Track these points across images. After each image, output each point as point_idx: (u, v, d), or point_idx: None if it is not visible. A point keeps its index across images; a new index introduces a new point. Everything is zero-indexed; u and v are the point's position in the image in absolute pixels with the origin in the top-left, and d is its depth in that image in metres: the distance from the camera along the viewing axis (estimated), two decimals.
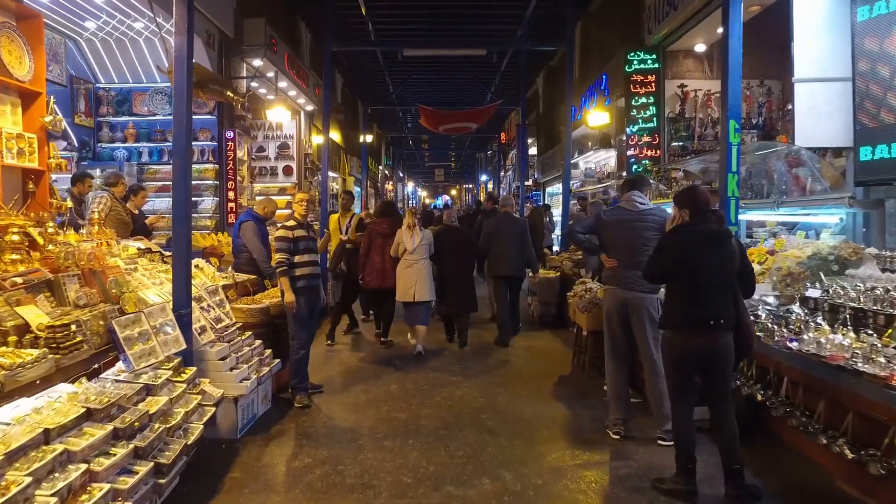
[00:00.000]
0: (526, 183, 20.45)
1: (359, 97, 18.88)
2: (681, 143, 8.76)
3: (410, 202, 40.49)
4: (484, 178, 31.73)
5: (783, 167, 5.58)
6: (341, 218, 7.77)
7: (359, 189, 19.08)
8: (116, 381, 3.31)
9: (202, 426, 3.44)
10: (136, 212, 6.33)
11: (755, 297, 4.25)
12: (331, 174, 18.76)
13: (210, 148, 8.64)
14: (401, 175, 35.83)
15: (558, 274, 8.23)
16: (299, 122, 13.95)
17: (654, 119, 9.00)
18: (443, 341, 7.28)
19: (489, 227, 7.48)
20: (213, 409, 3.65)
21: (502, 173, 24.34)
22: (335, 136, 18.09)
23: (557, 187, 18.03)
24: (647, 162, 8.98)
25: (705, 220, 3.39)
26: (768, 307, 4.13)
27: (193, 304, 4.36)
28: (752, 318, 4.04)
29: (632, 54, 9.00)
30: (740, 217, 6.11)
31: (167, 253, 7.37)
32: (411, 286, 6.50)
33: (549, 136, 18.87)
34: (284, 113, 9.19)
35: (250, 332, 4.78)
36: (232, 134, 8.62)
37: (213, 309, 4.59)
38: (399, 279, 6.61)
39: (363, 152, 16.63)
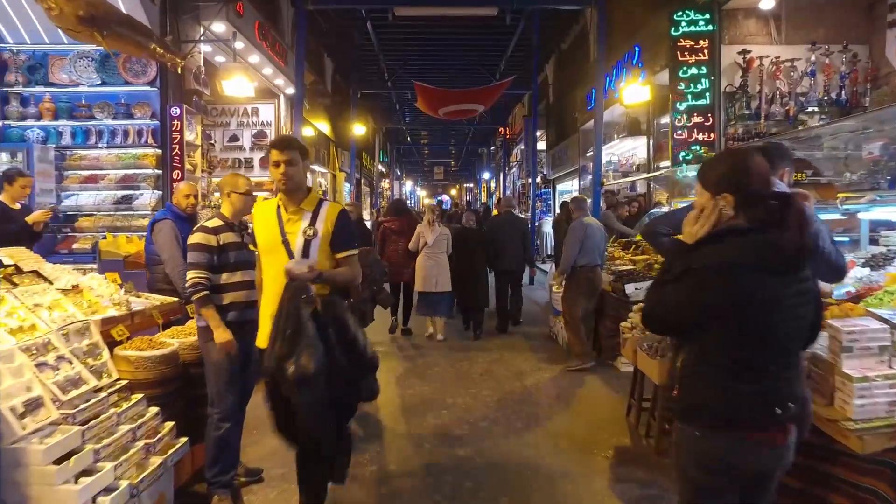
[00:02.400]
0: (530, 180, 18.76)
1: (351, 86, 17.00)
2: (742, 124, 6.99)
3: (408, 202, 38.76)
4: (486, 175, 29.96)
5: None
6: (287, 208, 2.88)
7: (348, 185, 17.26)
8: None
9: None
10: (17, 206, 4.56)
11: None
12: (319, 169, 17.01)
13: (149, 128, 6.83)
14: (398, 173, 34.03)
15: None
16: (278, 108, 12.25)
17: (707, 94, 7.22)
18: (447, 387, 5.51)
19: (492, 225, 8.07)
20: None
21: (507, 169, 22.55)
22: (324, 126, 16.31)
23: (570, 184, 16.28)
24: (699, 148, 7.20)
25: (771, 219, 1.70)
26: None
27: (26, 358, 2.58)
28: None
29: (679, 14, 7.21)
30: (863, 215, 4.37)
31: (86, 267, 5.62)
32: (433, 277, 6.85)
33: (560, 127, 17.09)
34: (246, 86, 7.37)
35: (140, 396, 3.00)
36: (178, 111, 6.83)
37: (72, 362, 2.80)
38: (419, 271, 6.93)
39: (352, 147, 14.85)
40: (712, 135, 7.22)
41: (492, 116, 23.38)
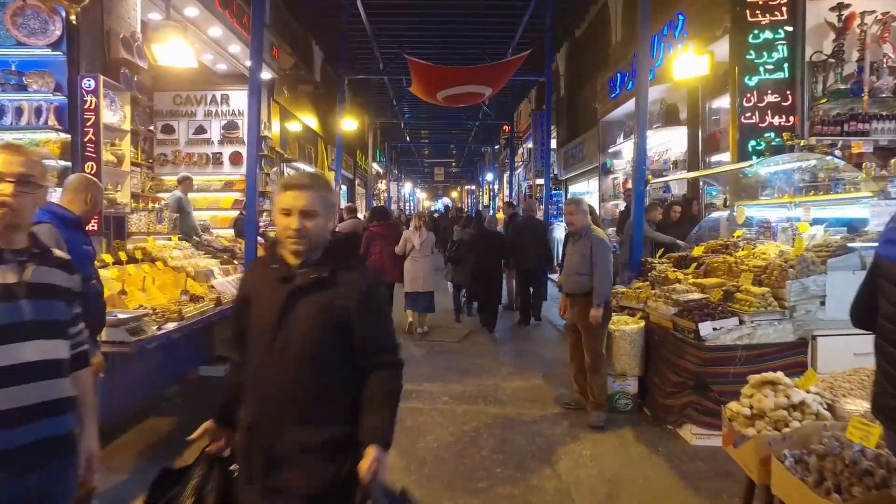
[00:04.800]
0: (540, 181, 17.05)
1: (338, 72, 15.24)
2: (836, 103, 5.32)
3: (406, 205, 37.13)
4: (490, 177, 28.27)
5: None
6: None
7: (344, 187, 15.48)
8: None
9: None
10: None
11: None
12: (306, 168, 15.31)
13: (52, 105, 5.15)
14: (395, 173, 32.28)
15: (642, 323, 4.75)
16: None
17: (786, 66, 5.56)
18: (444, 482, 3.82)
19: (515, 227, 8.56)
20: None
21: (513, 170, 20.83)
22: (311, 121, 14.65)
23: (585, 185, 14.61)
24: (775, 135, 5.53)
25: None
26: None
27: None
28: None
29: None
30: None
31: None
32: (418, 279, 7.32)
33: (573, 122, 15.44)
34: (185, 52, 5.69)
35: None
36: (93, 83, 5.17)
37: None
38: (407, 273, 7.38)
39: (338, 139, 13.18)
40: (793, 118, 5.55)
41: (496, 112, 21.71)
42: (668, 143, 9.14)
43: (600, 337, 4.50)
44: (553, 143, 16.48)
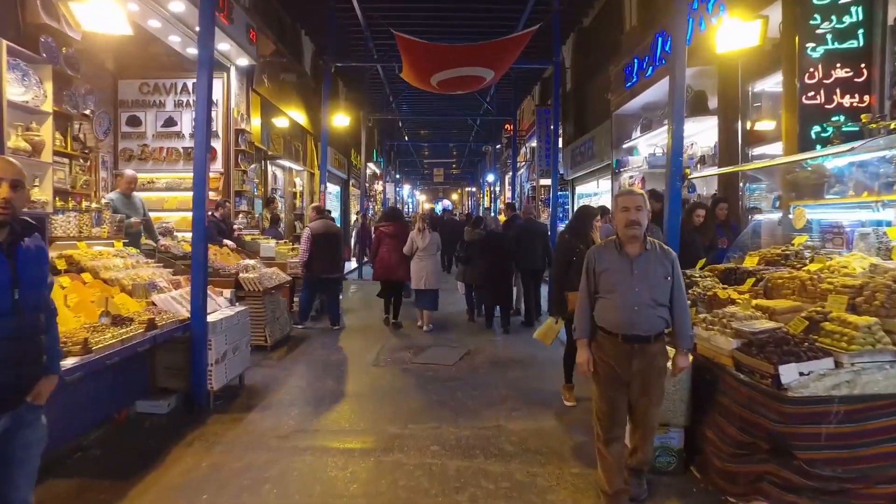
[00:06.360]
0: (545, 182, 16.01)
1: (324, 59, 14.06)
2: None
3: (405, 207, 36.07)
4: (491, 178, 27.19)
5: None
6: None
7: (338, 188, 14.33)
8: None
9: None
10: None
11: None
12: (294, 167, 14.21)
13: None
14: (393, 173, 31.16)
15: (690, 357, 3.66)
16: (227, 83, 9.62)
17: (860, 33, 4.48)
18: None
19: (517, 230, 8.32)
20: None
21: (515, 171, 19.73)
22: (299, 116, 13.57)
23: (592, 186, 13.54)
24: (845, 118, 4.45)
25: None
26: None
27: None
28: None
29: None
30: None
31: None
32: (423, 277, 7.76)
33: (580, 119, 14.38)
34: (114, 15, 4.61)
35: None
36: None
37: None
38: (413, 272, 7.83)
39: (324, 132, 12.08)
40: (868, 97, 4.47)
41: (498, 109, 20.63)
42: (695, 136, 8.07)
43: (664, 393, 3.24)
44: (559, 142, 15.43)
